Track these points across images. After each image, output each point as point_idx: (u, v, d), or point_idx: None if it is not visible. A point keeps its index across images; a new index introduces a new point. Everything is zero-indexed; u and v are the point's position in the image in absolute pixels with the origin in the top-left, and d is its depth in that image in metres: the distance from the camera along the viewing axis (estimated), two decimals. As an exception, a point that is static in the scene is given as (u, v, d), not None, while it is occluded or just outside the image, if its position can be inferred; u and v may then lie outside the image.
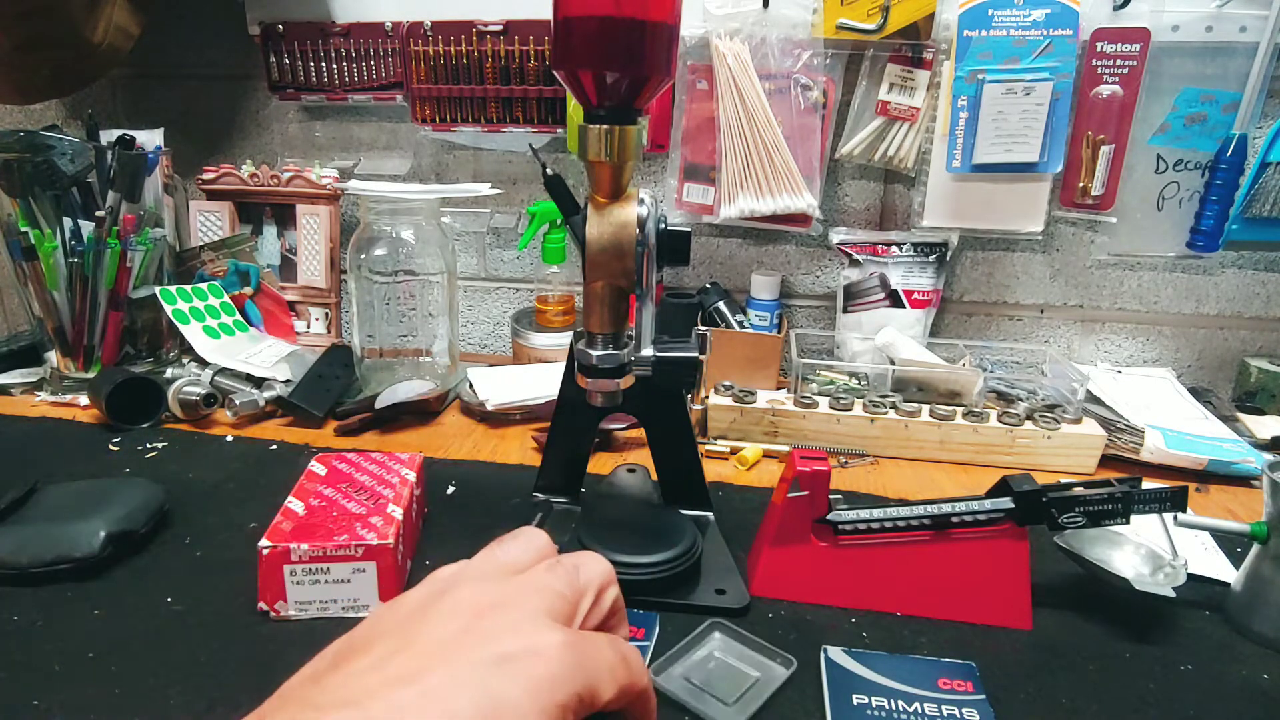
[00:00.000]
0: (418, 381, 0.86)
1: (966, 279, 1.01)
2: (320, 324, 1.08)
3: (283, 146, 1.10)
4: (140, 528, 0.58)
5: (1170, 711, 0.46)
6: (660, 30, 0.46)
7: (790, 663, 0.47)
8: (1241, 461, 0.74)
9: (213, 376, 0.87)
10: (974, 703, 0.44)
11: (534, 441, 0.80)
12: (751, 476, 0.75)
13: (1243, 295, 0.96)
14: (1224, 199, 0.87)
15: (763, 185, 0.94)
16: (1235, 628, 0.53)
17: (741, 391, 0.80)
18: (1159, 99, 0.88)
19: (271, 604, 0.51)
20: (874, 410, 0.78)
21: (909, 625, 0.53)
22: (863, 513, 0.54)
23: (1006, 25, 0.86)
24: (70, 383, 0.88)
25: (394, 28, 0.99)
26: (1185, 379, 0.96)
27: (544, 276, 0.99)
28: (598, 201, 0.51)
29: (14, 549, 0.54)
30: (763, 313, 0.98)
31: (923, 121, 0.92)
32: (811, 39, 0.91)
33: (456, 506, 0.68)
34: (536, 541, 0.31)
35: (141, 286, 0.91)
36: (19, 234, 0.83)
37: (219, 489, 0.69)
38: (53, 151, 0.84)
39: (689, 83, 0.96)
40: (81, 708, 0.44)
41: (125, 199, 0.88)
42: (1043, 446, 0.76)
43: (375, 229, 0.86)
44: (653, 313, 0.54)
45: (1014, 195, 0.93)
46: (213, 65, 1.08)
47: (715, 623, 0.51)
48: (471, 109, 1.00)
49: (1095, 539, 0.57)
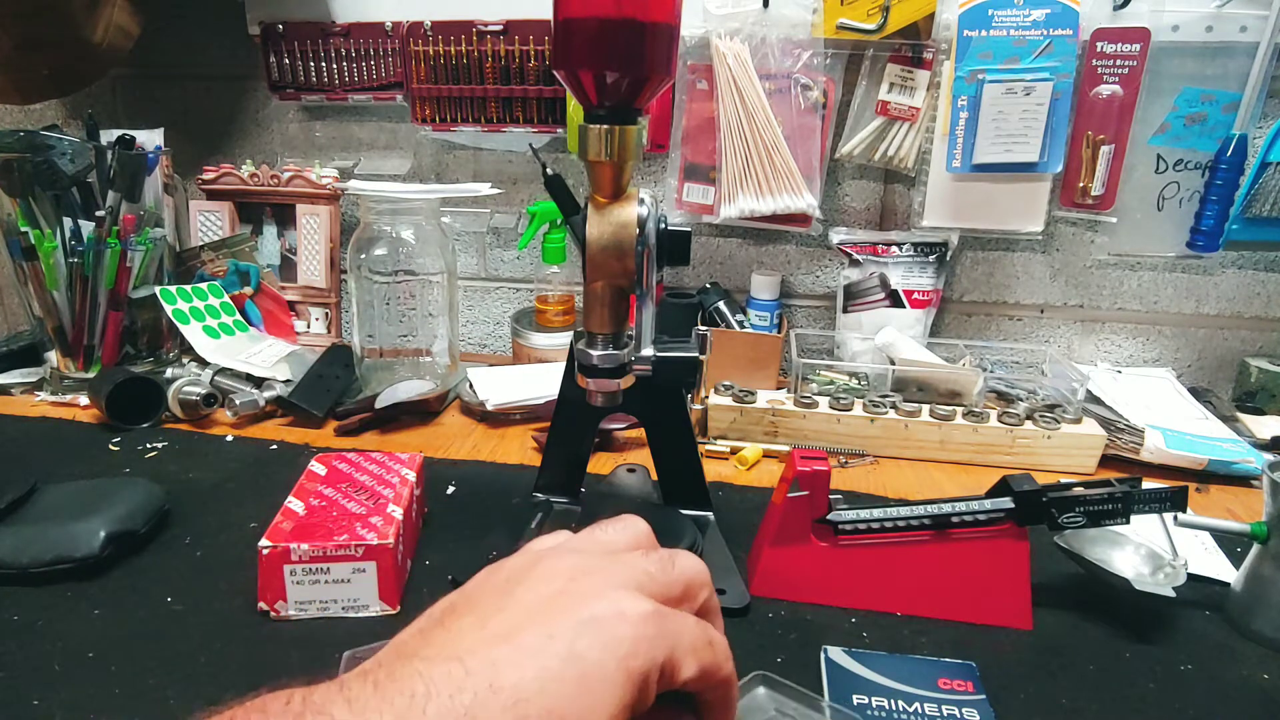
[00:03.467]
0: (418, 381, 0.86)
1: (966, 279, 1.01)
2: (320, 324, 1.08)
3: (283, 146, 1.10)
4: (140, 528, 0.58)
5: (1170, 711, 0.46)
6: (660, 30, 0.46)
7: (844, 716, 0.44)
8: (1241, 461, 0.74)
9: (213, 376, 0.87)
10: (974, 703, 0.44)
11: (534, 441, 0.80)
12: (751, 476, 0.75)
13: (1243, 295, 0.96)
14: (1224, 199, 0.87)
15: (763, 185, 0.94)
16: (1235, 628, 0.53)
17: (741, 391, 0.80)
18: (1159, 99, 0.88)
19: (271, 604, 0.51)
20: (874, 410, 0.78)
21: (909, 625, 0.53)
22: (863, 513, 0.54)
23: (1006, 25, 0.86)
24: (70, 383, 0.88)
25: (394, 28, 0.99)
26: (1185, 379, 0.96)
27: (544, 276, 0.99)
28: (598, 201, 0.51)
29: (14, 549, 0.54)
30: (763, 313, 0.98)
31: (923, 121, 0.92)
32: (811, 39, 0.91)
33: (456, 506, 0.68)
34: (637, 527, 0.33)
35: (141, 286, 0.91)
36: (19, 234, 0.83)
37: (219, 489, 0.69)
38: (53, 151, 0.84)
39: (689, 83, 0.96)
40: (81, 708, 0.44)
41: (125, 199, 0.88)
42: (1043, 446, 0.76)
43: (375, 229, 0.86)
44: (653, 313, 0.54)
45: (1014, 195, 0.93)
46: (213, 65, 1.08)
47: (759, 675, 0.45)
48: (471, 109, 1.00)
49: (1095, 539, 0.57)
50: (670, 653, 0.28)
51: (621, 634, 0.27)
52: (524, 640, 0.26)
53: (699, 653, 0.29)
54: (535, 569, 0.30)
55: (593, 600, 0.28)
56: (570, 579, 0.29)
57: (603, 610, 0.27)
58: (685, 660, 0.29)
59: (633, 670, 0.27)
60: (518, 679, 0.25)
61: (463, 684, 0.25)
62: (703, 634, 0.29)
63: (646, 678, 0.27)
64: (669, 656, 0.28)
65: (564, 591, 0.29)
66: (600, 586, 0.29)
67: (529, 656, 0.26)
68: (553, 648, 0.26)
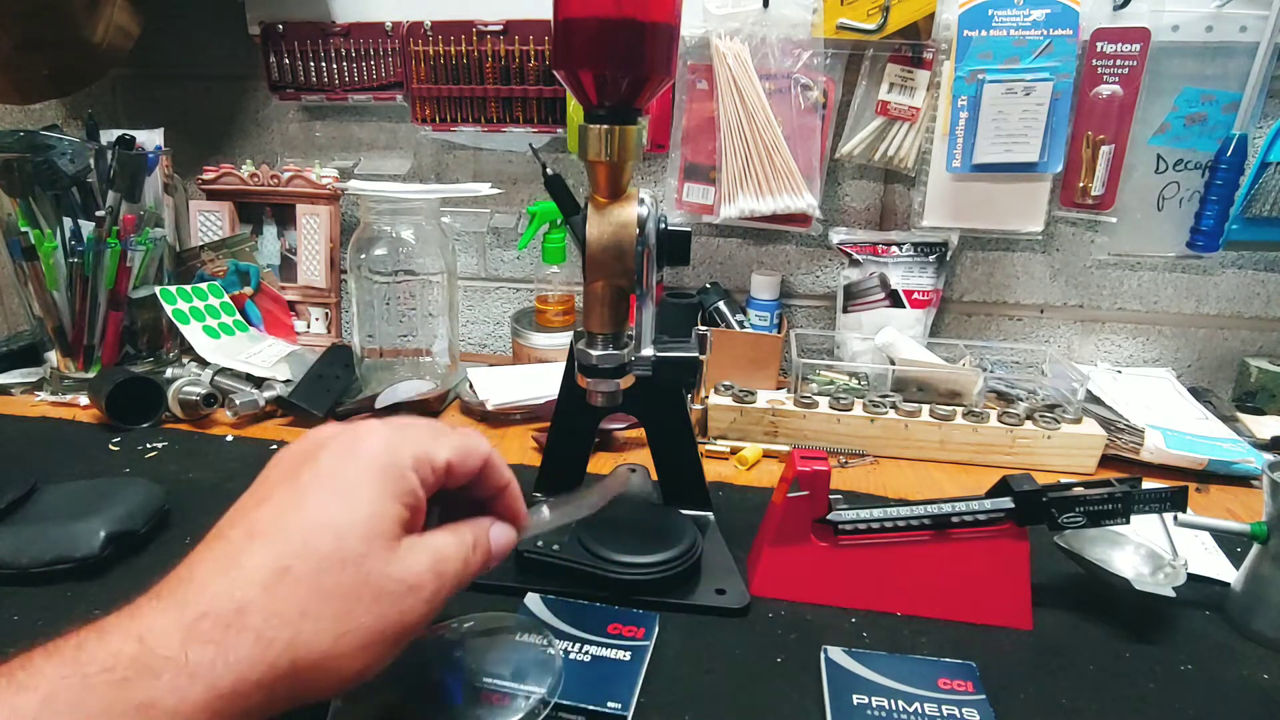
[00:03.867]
0: (418, 381, 0.86)
1: (966, 279, 1.01)
2: (320, 324, 1.08)
3: (283, 146, 1.10)
4: (140, 528, 0.58)
5: (1170, 711, 0.46)
6: (660, 30, 0.46)
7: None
8: (1241, 461, 0.74)
9: (213, 376, 0.87)
10: (974, 703, 0.44)
11: (534, 441, 0.80)
12: (751, 476, 0.75)
13: (1243, 295, 0.96)
14: (1224, 199, 0.87)
15: (763, 185, 0.94)
16: (1235, 628, 0.53)
17: (741, 391, 0.80)
18: (1159, 99, 0.88)
19: (271, 604, 0.51)
20: (874, 410, 0.78)
21: (909, 625, 0.53)
22: (863, 513, 0.54)
23: (1006, 25, 0.86)
24: (70, 383, 0.88)
25: (394, 28, 0.99)
26: (1185, 379, 0.96)
27: (544, 276, 0.99)
28: (598, 201, 0.51)
29: (14, 549, 0.54)
30: (763, 313, 0.98)
31: (923, 121, 0.92)
32: (811, 39, 0.91)
33: (456, 506, 0.68)
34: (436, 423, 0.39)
35: (141, 286, 0.91)
36: (19, 234, 0.83)
37: (219, 489, 0.69)
38: (53, 151, 0.84)
39: (689, 83, 0.96)
40: (81, 708, 0.44)
41: (125, 199, 0.88)
42: (1043, 446, 0.76)
43: (375, 229, 0.86)
44: (653, 313, 0.54)
45: (1014, 195, 0.93)
46: (213, 65, 1.08)
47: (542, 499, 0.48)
48: (471, 109, 1.00)
49: (1095, 539, 0.57)
50: (418, 448, 0.35)
51: (363, 448, 0.34)
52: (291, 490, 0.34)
53: (441, 440, 0.36)
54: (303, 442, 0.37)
55: (341, 441, 0.35)
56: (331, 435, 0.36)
57: (347, 443, 0.35)
58: (435, 449, 0.35)
59: (385, 467, 0.33)
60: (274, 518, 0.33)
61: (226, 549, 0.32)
62: (441, 428, 0.37)
63: (400, 471, 0.34)
64: (418, 452, 0.35)
65: (325, 444, 0.35)
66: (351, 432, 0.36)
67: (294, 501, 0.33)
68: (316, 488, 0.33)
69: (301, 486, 0.34)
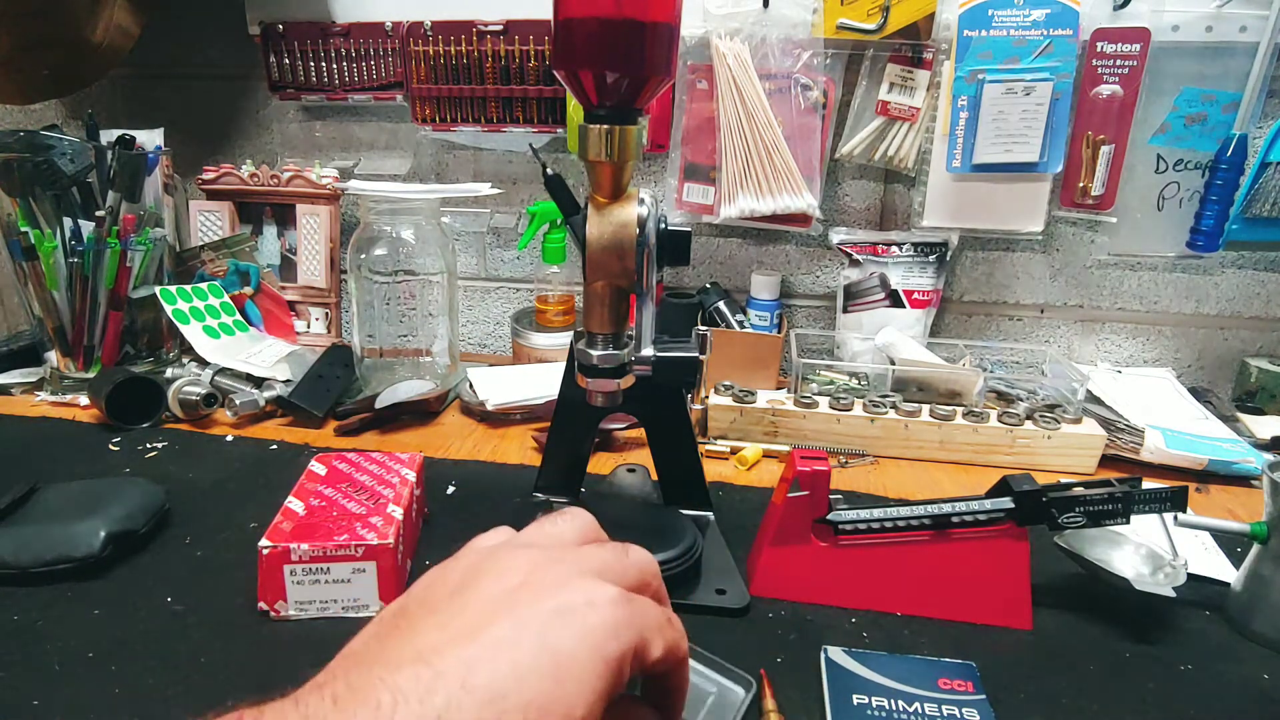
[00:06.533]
0: (418, 381, 0.86)
1: (966, 279, 1.01)
2: (320, 324, 1.08)
3: (283, 146, 1.10)
4: (140, 528, 0.58)
5: (1170, 711, 0.46)
6: (660, 30, 0.46)
7: (750, 684, 0.45)
8: (1241, 461, 0.74)
9: (213, 376, 0.87)
10: (974, 703, 0.44)
11: (534, 441, 0.80)
12: (751, 476, 0.75)
13: (1243, 295, 0.96)
14: (1224, 199, 0.87)
15: (763, 185, 0.94)
16: (1235, 628, 0.53)
17: (741, 391, 0.80)
18: (1159, 99, 0.88)
19: (271, 604, 0.51)
20: (874, 410, 0.78)
21: (909, 625, 0.53)
22: (863, 513, 0.54)
23: (1006, 25, 0.86)
24: (70, 383, 0.88)
25: (394, 28, 0.99)
26: (1185, 379, 0.96)
27: (544, 276, 0.99)
28: (598, 201, 0.51)
29: (14, 549, 0.54)
30: (763, 313, 0.98)
31: (923, 121, 0.92)
32: (811, 39, 0.91)
33: (456, 506, 0.68)
34: (584, 519, 0.32)
35: (141, 286, 0.91)
36: (19, 234, 0.83)
37: (219, 489, 0.69)
38: (53, 151, 0.84)
39: (689, 83, 0.96)
40: (81, 708, 0.44)
41: (125, 199, 0.88)
42: (1043, 446, 0.76)
43: (375, 229, 0.86)
44: (653, 313, 0.54)
45: (1014, 195, 0.93)
46: (213, 65, 1.08)
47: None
48: (471, 109, 1.00)
49: (1095, 539, 0.57)
50: (640, 635, 0.28)
51: (594, 621, 0.26)
52: (493, 635, 0.25)
53: (664, 632, 0.29)
54: (490, 565, 0.29)
55: (559, 590, 0.27)
56: (530, 571, 0.28)
57: (571, 599, 0.27)
58: (654, 641, 0.28)
59: (609, 656, 0.26)
60: (491, 675, 0.24)
61: (432, 686, 0.23)
62: (663, 614, 0.29)
63: (622, 663, 0.27)
64: (640, 639, 0.28)
65: (526, 584, 0.28)
66: (564, 576, 0.28)
67: (501, 651, 0.25)
68: (525, 641, 0.25)
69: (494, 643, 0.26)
